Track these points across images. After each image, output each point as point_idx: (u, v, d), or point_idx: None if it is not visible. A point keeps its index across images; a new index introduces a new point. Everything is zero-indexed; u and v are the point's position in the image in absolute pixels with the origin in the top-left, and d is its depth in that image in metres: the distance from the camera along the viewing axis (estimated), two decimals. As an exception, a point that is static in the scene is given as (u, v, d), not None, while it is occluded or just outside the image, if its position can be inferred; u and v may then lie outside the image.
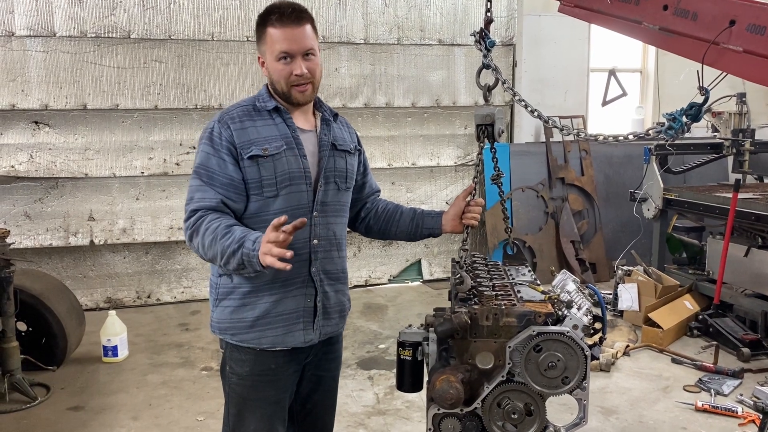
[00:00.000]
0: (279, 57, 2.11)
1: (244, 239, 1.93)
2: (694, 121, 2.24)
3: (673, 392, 4.24)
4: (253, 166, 2.08)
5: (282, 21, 2.10)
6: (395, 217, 2.48)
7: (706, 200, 5.37)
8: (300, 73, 2.11)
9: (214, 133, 2.11)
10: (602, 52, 7.49)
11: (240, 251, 1.92)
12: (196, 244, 2.03)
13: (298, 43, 2.10)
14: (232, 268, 1.99)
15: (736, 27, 2.09)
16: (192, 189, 2.10)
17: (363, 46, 6.55)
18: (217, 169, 2.08)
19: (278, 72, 2.12)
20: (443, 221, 2.41)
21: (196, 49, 6.08)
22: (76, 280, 6.04)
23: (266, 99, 2.19)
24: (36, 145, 5.83)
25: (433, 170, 6.94)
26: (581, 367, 1.85)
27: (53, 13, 5.70)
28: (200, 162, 2.11)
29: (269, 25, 2.12)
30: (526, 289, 2.15)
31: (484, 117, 2.38)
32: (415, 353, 2.00)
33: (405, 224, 2.46)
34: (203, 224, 2.01)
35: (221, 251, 1.96)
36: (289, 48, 2.09)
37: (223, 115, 2.15)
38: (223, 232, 1.97)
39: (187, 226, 2.06)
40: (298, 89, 2.14)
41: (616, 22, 2.59)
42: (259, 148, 2.09)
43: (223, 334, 2.20)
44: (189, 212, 2.07)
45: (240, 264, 1.94)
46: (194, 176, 2.11)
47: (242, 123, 2.12)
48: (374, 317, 5.86)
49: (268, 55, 2.13)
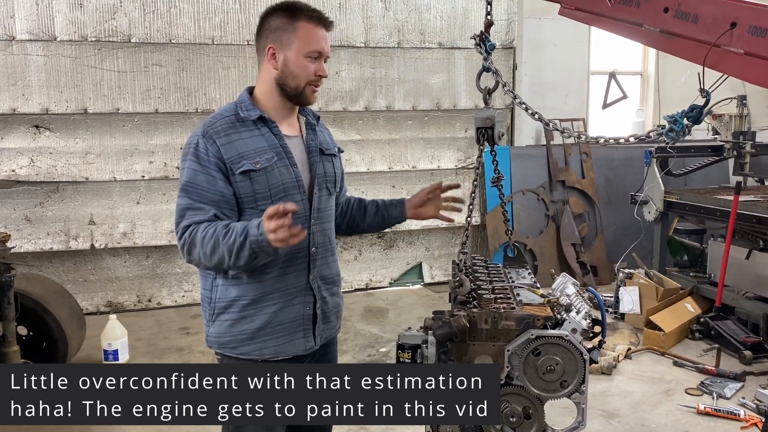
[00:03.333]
0: (310, 55, 2.09)
1: (247, 229, 1.92)
2: (695, 124, 2.24)
3: (675, 395, 4.22)
4: (245, 180, 2.04)
5: (321, 20, 2.11)
6: (361, 212, 2.50)
7: (707, 203, 5.35)
8: (324, 74, 2.13)
9: (200, 149, 2.04)
10: (602, 54, 7.49)
11: (247, 241, 1.90)
12: (197, 255, 2.00)
13: (328, 45, 2.14)
14: (243, 263, 1.95)
15: (737, 29, 2.09)
16: (181, 207, 2.04)
17: (363, 49, 6.56)
18: (206, 185, 2.02)
19: (303, 68, 2.09)
20: (406, 208, 2.46)
21: (197, 53, 6.09)
22: (77, 284, 6.03)
23: (249, 107, 2.12)
24: (37, 149, 5.83)
25: (434, 173, 6.94)
26: (580, 371, 1.85)
27: (54, 18, 5.71)
28: (188, 179, 2.04)
29: (304, 19, 2.08)
30: (526, 293, 2.15)
31: (484, 120, 2.38)
32: (415, 356, 1.99)
33: (371, 217, 2.49)
34: (198, 234, 1.98)
35: (228, 250, 1.93)
36: (323, 49, 2.11)
37: (207, 129, 2.06)
38: (224, 232, 1.95)
39: (182, 242, 2.02)
40: (313, 89, 2.14)
41: (616, 25, 2.58)
42: (250, 162, 2.04)
43: (222, 348, 2.15)
44: (182, 228, 2.02)
45: (252, 254, 1.92)
46: (182, 194, 2.05)
47: (228, 137, 2.05)
48: (375, 321, 5.86)
49: (295, 48, 2.08)
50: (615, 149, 7.25)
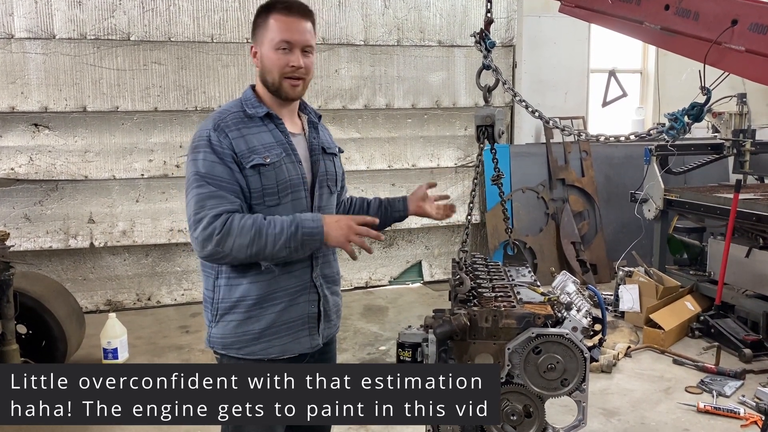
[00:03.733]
0: (278, 46, 2.06)
1: (297, 221, 1.97)
2: (696, 121, 2.24)
3: (675, 393, 4.22)
4: (254, 175, 2.03)
5: (289, 11, 2.08)
6: (363, 209, 2.49)
7: (707, 201, 5.35)
8: (297, 64, 2.07)
9: (214, 141, 2.02)
10: (602, 52, 7.48)
11: (299, 232, 1.96)
12: (230, 245, 1.94)
13: (301, 34, 2.08)
14: (285, 254, 1.98)
15: (738, 26, 2.09)
16: (202, 196, 1.98)
17: (363, 47, 6.55)
18: (226, 176, 2.00)
19: (273, 61, 2.07)
20: (408, 203, 2.46)
21: (196, 51, 6.08)
22: (76, 282, 6.03)
23: (256, 104, 2.12)
24: (36, 147, 5.82)
25: (434, 171, 6.93)
26: (580, 369, 1.85)
27: (53, 16, 5.70)
28: (205, 170, 2.00)
29: (274, 13, 2.08)
30: (526, 291, 2.14)
31: (484, 118, 2.38)
32: (415, 354, 1.99)
33: (374, 214, 2.46)
34: (234, 223, 1.94)
35: (273, 240, 1.95)
36: (291, 37, 2.06)
37: (218, 123, 2.05)
38: (266, 223, 1.96)
39: (210, 231, 1.94)
40: (291, 82, 2.09)
41: (617, 22, 2.58)
42: (260, 156, 2.03)
43: (227, 349, 2.12)
44: (210, 218, 1.95)
45: (299, 245, 1.97)
46: (200, 184, 1.99)
47: (239, 131, 2.05)
48: (375, 319, 5.85)
49: (266, 43, 2.08)
50: (615, 147, 7.25)
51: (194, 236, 1.98)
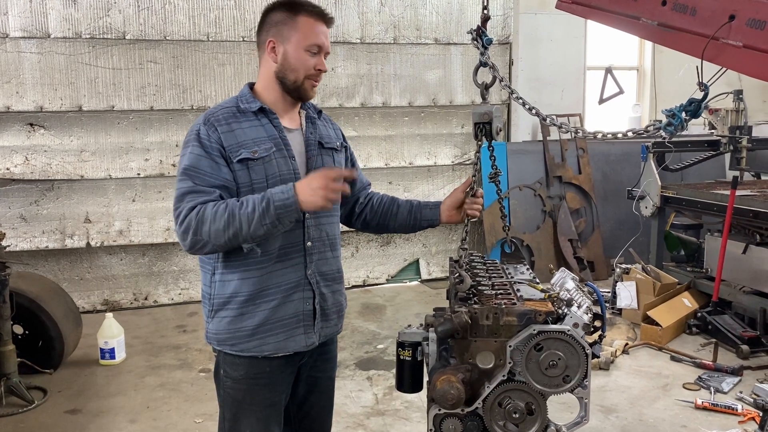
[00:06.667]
0: (310, 48, 2.09)
1: (268, 196, 1.93)
2: (693, 117, 2.23)
3: (673, 390, 4.23)
4: (242, 169, 2.03)
5: (321, 15, 2.13)
6: (392, 210, 2.45)
7: (704, 197, 5.36)
8: (324, 68, 2.14)
9: (202, 135, 2.03)
10: (599, 50, 7.48)
11: (272, 206, 1.91)
12: (206, 233, 1.93)
13: (328, 40, 2.15)
14: (263, 232, 1.94)
15: (735, 22, 2.08)
16: (182, 191, 1.99)
17: (359, 45, 6.54)
18: (209, 170, 2.00)
19: (302, 61, 2.09)
20: (441, 211, 2.39)
21: (192, 50, 6.06)
22: (73, 282, 6.01)
23: (250, 100, 2.13)
24: (31, 147, 5.80)
25: (431, 169, 6.93)
26: (582, 366, 1.84)
27: (47, 15, 5.68)
28: (190, 163, 2.01)
29: (305, 13, 2.10)
30: (526, 288, 2.13)
31: (481, 115, 2.36)
32: (415, 353, 1.98)
33: (403, 217, 2.44)
34: (207, 211, 1.94)
35: (247, 219, 1.91)
36: (323, 43, 2.12)
37: (209, 117, 2.07)
38: (238, 204, 1.94)
39: (187, 223, 1.94)
40: (312, 83, 2.14)
41: (614, 18, 2.58)
42: (248, 150, 2.04)
43: (221, 345, 2.13)
44: (186, 210, 1.95)
45: (275, 220, 1.92)
46: (184, 178, 2.01)
47: (229, 125, 2.06)
48: (372, 317, 5.85)
49: (295, 42, 2.09)
50: (611, 145, 7.25)
51: (176, 231, 2.00)
